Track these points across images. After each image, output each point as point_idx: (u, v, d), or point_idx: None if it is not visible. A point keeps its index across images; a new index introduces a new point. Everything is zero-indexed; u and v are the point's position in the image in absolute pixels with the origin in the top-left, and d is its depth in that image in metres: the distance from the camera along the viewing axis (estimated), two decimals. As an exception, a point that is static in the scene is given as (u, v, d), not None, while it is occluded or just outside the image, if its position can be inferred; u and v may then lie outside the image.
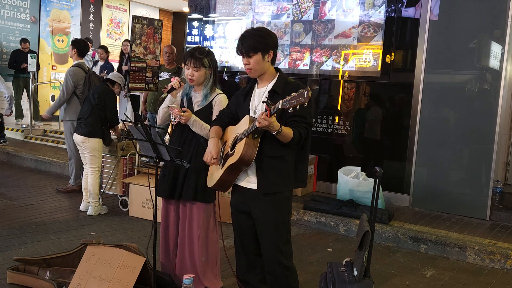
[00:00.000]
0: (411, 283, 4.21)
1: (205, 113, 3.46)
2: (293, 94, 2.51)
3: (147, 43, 6.30)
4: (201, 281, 3.58)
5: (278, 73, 2.99)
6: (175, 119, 3.42)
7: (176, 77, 3.50)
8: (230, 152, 2.91)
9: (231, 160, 2.85)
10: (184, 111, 3.35)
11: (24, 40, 10.31)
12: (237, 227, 3.12)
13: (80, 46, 6.43)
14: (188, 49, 3.50)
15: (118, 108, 7.68)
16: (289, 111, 2.54)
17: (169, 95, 3.48)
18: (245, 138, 2.76)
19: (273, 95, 2.83)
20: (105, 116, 5.62)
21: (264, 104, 2.62)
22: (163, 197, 3.57)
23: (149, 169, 5.74)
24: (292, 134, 2.72)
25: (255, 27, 3.04)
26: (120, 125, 5.99)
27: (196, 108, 3.51)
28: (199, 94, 3.52)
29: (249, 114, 2.91)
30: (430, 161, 6.03)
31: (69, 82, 6.27)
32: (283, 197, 2.92)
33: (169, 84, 3.49)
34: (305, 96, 2.45)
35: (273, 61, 2.97)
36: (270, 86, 2.93)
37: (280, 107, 2.54)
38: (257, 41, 2.87)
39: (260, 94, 2.96)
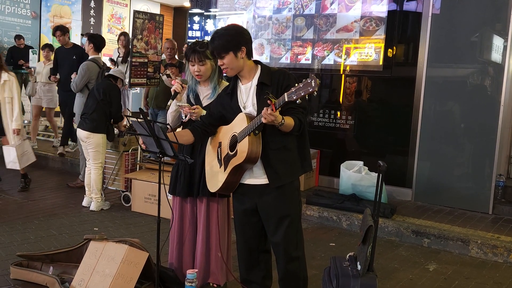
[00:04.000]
0: (414, 277, 4.21)
1: None
2: (298, 84, 2.48)
3: (148, 38, 6.29)
4: (214, 276, 3.58)
5: (259, 66, 2.96)
6: (186, 117, 3.38)
7: (177, 80, 3.43)
8: (231, 153, 2.88)
9: (236, 161, 2.82)
10: (194, 108, 3.30)
11: (18, 37, 10.28)
12: (241, 225, 3.10)
13: (97, 41, 6.40)
14: (187, 46, 3.45)
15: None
16: (297, 102, 2.51)
17: (174, 100, 3.40)
18: (247, 136, 2.74)
19: (262, 88, 2.81)
20: (110, 112, 5.61)
21: (263, 100, 2.61)
22: (180, 196, 3.50)
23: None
24: (293, 123, 2.72)
25: (224, 26, 3.00)
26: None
27: (205, 102, 3.45)
28: (206, 88, 3.47)
29: (241, 112, 2.89)
30: (432, 155, 6.02)
31: (81, 76, 6.23)
32: (292, 187, 2.93)
33: (171, 89, 3.42)
34: (313, 85, 2.41)
35: (249, 56, 2.91)
36: (255, 80, 2.90)
37: (286, 99, 2.51)
38: (226, 40, 2.82)
39: (246, 90, 2.93)
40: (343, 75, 6.70)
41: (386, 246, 4.94)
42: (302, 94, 2.45)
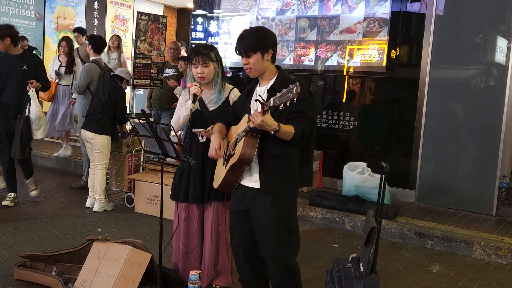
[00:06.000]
0: (417, 278, 4.20)
1: (223, 111, 3.38)
2: (283, 90, 2.49)
3: (151, 40, 6.31)
4: (219, 278, 3.59)
5: (278, 71, 2.96)
6: (202, 137, 3.37)
7: (194, 83, 3.36)
8: (232, 152, 2.90)
9: (232, 160, 2.84)
10: (208, 130, 3.28)
11: (22, 38, 10.29)
12: (237, 227, 3.08)
13: (96, 42, 6.34)
14: (191, 48, 3.44)
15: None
16: (280, 108, 2.52)
17: (190, 101, 3.33)
18: (244, 138, 2.74)
19: (273, 94, 2.79)
20: (115, 114, 5.61)
21: (258, 102, 2.61)
22: (197, 203, 3.49)
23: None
24: (294, 131, 2.68)
25: (253, 26, 3.01)
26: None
27: (211, 107, 3.44)
28: (210, 92, 3.46)
29: (250, 113, 2.89)
30: (436, 156, 6.01)
31: (83, 78, 6.23)
32: (286, 196, 2.89)
33: (191, 93, 3.32)
34: (293, 92, 2.42)
35: (273, 59, 2.93)
36: (269, 84, 2.91)
37: (271, 104, 2.52)
38: (256, 41, 2.83)
39: (260, 93, 2.94)
40: (346, 76, 6.69)
41: (389, 248, 4.93)
42: (283, 100, 2.46)
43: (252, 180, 2.92)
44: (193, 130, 3.35)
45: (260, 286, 3.17)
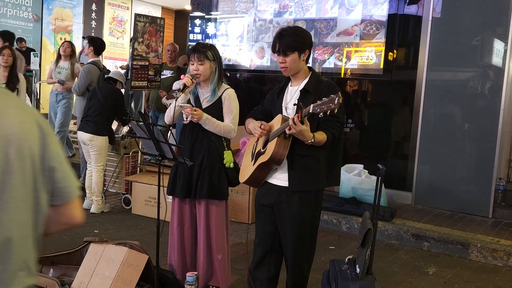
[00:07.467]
0: (414, 280, 4.21)
1: (214, 109, 3.41)
2: (324, 99, 2.53)
3: (149, 41, 6.31)
4: (215, 279, 3.59)
5: (310, 72, 2.99)
6: (187, 118, 3.39)
7: (187, 75, 3.40)
8: (262, 150, 2.92)
9: (262, 159, 2.86)
10: (195, 110, 3.31)
11: (20, 40, 10.30)
12: (257, 219, 3.11)
13: (97, 44, 6.38)
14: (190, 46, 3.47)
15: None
16: (320, 116, 2.55)
17: (182, 94, 3.35)
18: (276, 138, 2.77)
19: (305, 94, 2.84)
20: (112, 115, 5.62)
21: (295, 106, 2.63)
22: (179, 197, 3.51)
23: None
24: (326, 138, 2.73)
25: (291, 25, 3.04)
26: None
27: (205, 105, 3.46)
28: (206, 90, 3.48)
29: (281, 112, 2.93)
30: (432, 158, 6.02)
31: (83, 80, 6.23)
32: (310, 197, 2.93)
33: (181, 83, 3.38)
34: (335, 103, 2.47)
35: (307, 60, 2.97)
36: (302, 85, 2.93)
37: (311, 111, 2.56)
38: (294, 40, 2.86)
39: (292, 93, 2.97)
40: (343, 79, 6.70)
41: (386, 249, 4.94)
42: (324, 109, 2.50)
43: (279, 179, 2.94)
44: (180, 104, 3.35)
45: (267, 284, 3.17)
